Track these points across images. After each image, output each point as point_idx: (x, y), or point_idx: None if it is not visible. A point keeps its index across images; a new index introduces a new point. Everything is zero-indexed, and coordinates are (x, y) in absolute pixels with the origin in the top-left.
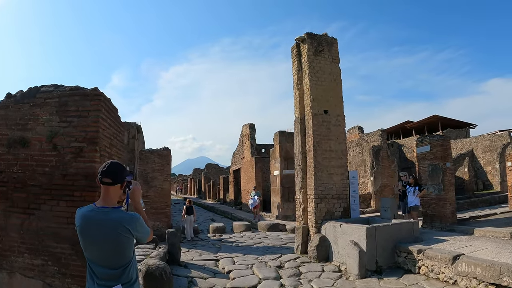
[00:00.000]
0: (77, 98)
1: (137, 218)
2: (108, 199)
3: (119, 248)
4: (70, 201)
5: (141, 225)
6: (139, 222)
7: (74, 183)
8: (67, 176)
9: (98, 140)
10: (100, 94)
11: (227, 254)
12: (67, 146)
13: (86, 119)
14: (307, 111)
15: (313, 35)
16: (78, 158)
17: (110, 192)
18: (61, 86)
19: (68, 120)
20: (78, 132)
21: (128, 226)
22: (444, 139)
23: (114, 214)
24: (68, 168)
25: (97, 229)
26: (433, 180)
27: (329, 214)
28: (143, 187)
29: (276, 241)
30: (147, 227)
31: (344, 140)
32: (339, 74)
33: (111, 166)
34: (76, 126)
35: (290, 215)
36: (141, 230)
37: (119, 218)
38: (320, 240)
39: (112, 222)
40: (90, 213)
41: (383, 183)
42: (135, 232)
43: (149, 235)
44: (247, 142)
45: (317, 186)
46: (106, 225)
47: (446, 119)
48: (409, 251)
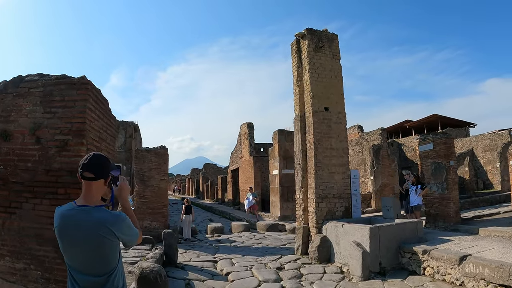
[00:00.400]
0: (62, 87)
1: (122, 219)
2: (90, 197)
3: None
4: (54, 199)
5: (127, 227)
6: (125, 223)
7: (58, 179)
8: (51, 172)
9: (85, 133)
10: (88, 83)
11: (226, 255)
12: (51, 139)
13: (72, 110)
14: (308, 108)
15: (313, 31)
16: (63, 152)
17: (92, 189)
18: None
19: (53, 111)
20: (63, 124)
21: (112, 228)
22: (447, 137)
23: (97, 213)
24: (52, 163)
25: (77, 231)
26: (436, 179)
27: (330, 214)
28: (140, 186)
29: (276, 241)
30: (135, 228)
31: (345, 138)
32: (340, 70)
33: (93, 158)
34: (61, 117)
35: (290, 215)
36: (128, 232)
37: (102, 218)
38: (322, 240)
39: (94, 223)
40: (69, 213)
41: (383, 183)
42: (120, 235)
43: (138, 238)
44: (246, 141)
45: (318, 185)
46: (87, 227)
47: (446, 118)
48: (413, 252)
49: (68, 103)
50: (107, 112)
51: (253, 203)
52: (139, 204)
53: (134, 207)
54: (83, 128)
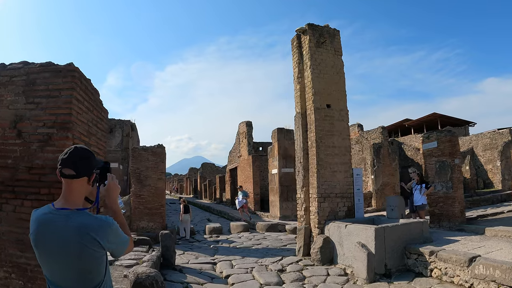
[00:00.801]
0: (47, 75)
1: (109, 224)
2: (71, 198)
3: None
4: (36, 200)
5: (115, 234)
6: (111, 229)
7: (41, 177)
8: (33, 169)
9: (71, 125)
10: (74, 70)
11: (225, 256)
12: (33, 133)
13: (57, 100)
14: (309, 105)
15: (315, 26)
16: (46, 147)
17: (73, 188)
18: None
19: (36, 101)
20: (46, 116)
21: (96, 236)
22: (452, 135)
23: (78, 218)
24: (34, 160)
25: (54, 239)
26: (440, 178)
27: (333, 213)
28: (136, 186)
29: (276, 242)
30: (124, 235)
31: (348, 136)
32: (342, 67)
33: (74, 152)
34: (44, 108)
35: (289, 215)
36: (115, 241)
37: (84, 224)
38: (324, 241)
39: (74, 230)
40: (46, 217)
41: (384, 182)
42: (106, 244)
43: (127, 247)
44: (244, 140)
45: (320, 184)
46: (65, 234)
47: (445, 117)
48: (420, 253)
49: (53, 92)
50: (97, 104)
51: (243, 202)
52: (136, 204)
53: (124, 210)
54: (68, 120)
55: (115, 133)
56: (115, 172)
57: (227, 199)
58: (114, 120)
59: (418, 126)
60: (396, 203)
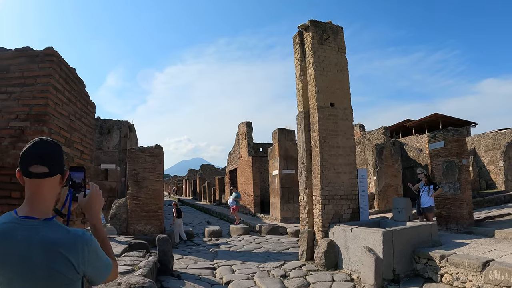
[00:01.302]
0: (22, 61)
1: (85, 241)
2: (39, 204)
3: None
4: (6, 205)
5: (94, 254)
6: (89, 248)
7: (12, 179)
8: (3, 169)
9: (47, 118)
10: (53, 54)
11: (225, 261)
12: (5, 127)
13: (32, 89)
14: (312, 104)
15: (317, 22)
16: (19, 143)
17: (43, 191)
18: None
19: (9, 90)
20: (19, 107)
21: (67, 254)
22: (459, 134)
23: (46, 231)
24: (5, 158)
25: (15, 256)
26: (448, 179)
27: (337, 216)
28: (133, 188)
29: (278, 246)
30: (106, 258)
31: (352, 136)
32: (345, 64)
33: (43, 144)
34: (18, 98)
35: (291, 217)
36: (94, 263)
37: (53, 239)
38: (329, 245)
39: (40, 246)
40: (6, 227)
41: (386, 183)
42: (81, 266)
43: (110, 273)
44: (244, 141)
45: (324, 185)
46: (30, 251)
47: (447, 117)
48: (429, 257)
49: (28, 80)
50: (82, 95)
51: (234, 204)
52: (133, 206)
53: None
54: (44, 111)
55: (113, 134)
56: (112, 173)
57: (226, 201)
58: (112, 121)
59: (420, 127)
60: (403, 205)
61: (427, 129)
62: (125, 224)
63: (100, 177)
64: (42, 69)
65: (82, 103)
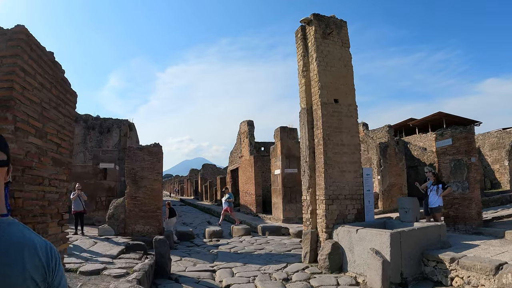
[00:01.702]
0: None
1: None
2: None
3: None
4: None
5: (60, 267)
6: (58, 257)
7: None
8: None
9: (13, 104)
10: (22, 31)
11: (225, 263)
12: None
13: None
14: (315, 100)
15: (320, 16)
16: None
17: (1, 181)
18: None
19: None
20: None
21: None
22: (468, 131)
23: (15, 230)
24: None
25: None
26: (456, 177)
27: (342, 217)
28: (131, 187)
29: (280, 247)
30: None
31: (357, 133)
32: (349, 59)
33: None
34: None
35: (293, 217)
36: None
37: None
38: (333, 247)
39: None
40: None
41: (391, 182)
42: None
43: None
44: (246, 140)
45: (328, 185)
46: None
47: (451, 116)
48: (439, 260)
49: None
50: (59, 82)
51: (226, 205)
52: (131, 206)
53: None
54: (9, 96)
55: (113, 133)
56: (111, 173)
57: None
58: (112, 120)
59: (423, 126)
60: (410, 205)
61: (431, 128)
62: (123, 224)
63: (98, 176)
64: (10, 48)
65: (60, 90)
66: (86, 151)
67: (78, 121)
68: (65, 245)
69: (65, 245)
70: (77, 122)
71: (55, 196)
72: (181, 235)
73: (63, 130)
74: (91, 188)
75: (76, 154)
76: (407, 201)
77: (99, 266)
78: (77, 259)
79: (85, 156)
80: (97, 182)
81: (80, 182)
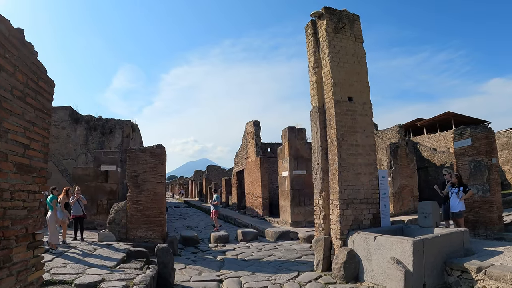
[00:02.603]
0: None
1: None
2: None
3: None
4: None
5: None
6: None
7: None
8: None
9: None
10: None
11: (233, 272)
12: None
13: None
14: (328, 98)
15: (332, 9)
16: None
17: None
18: None
19: None
20: None
21: None
22: (488, 131)
23: None
24: None
25: None
26: (476, 180)
27: (357, 222)
28: (133, 191)
29: (289, 253)
30: None
31: (372, 133)
32: (363, 55)
33: None
34: None
35: (301, 220)
36: None
37: None
38: (349, 255)
39: None
40: None
41: (401, 184)
42: None
43: None
44: (252, 141)
45: (343, 188)
46: None
47: (459, 116)
48: (464, 269)
49: None
50: (27, 65)
51: (213, 208)
52: (133, 211)
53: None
54: None
55: (115, 134)
56: (113, 175)
57: (233, 202)
58: (114, 120)
59: (431, 126)
60: (430, 210)
61: (439, 128)
62: (124, 229)
63: (100, 178)
64: None
65: (29, 76)
66: (88, 152)
67: (80, 122)
68: (39, 273)
69: (40, 272)
70: (79, 123)
71: (21, 213)
72: (185, 240)
73: (32, 127)
74: (92, 191)
75: (78, 156)
76: (428, 206)
77: (97, 278)
78: (73, 269)
79: (87, 157)
80: (98, 185)
81: (81, 185)
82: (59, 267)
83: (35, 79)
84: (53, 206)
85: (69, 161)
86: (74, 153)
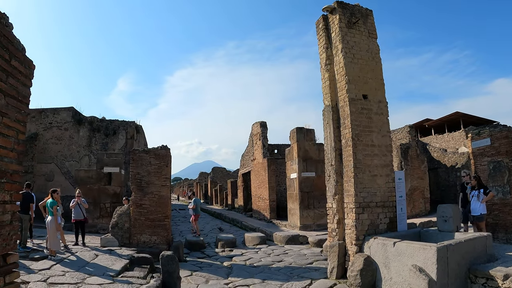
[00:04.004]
0: None
1: None
2: None
3: None
4: None
5: None
6: None
7: None
8: None
9: None
10: None
11: (241, 279)
12: None
13: None
14: (342, 96)
15: (345, 4)
16: None
17: None
18: None
19: None
20: None
21: None
22: (508, 130)
23: None
24: None
25: None
26: (495, 181)
27: (373, 227)
28: (137, 194)
29: (300, 258)
30: None
31: (388, 133)
32: (378, 51)
33: None
34: None
35: (311, 224)
36: None
37: None
38: (365, 262)
39: None
40: None
41: (412, 186)
42: None
43: None
44: (258, 142)
45: (358, 191)
46: None
47: (468, 116)
48: (489, 277)
49: None
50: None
51: (192, 212)
52: (136, 215)
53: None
54: None
55: (119, 136)
56: (116, 177)
57: (239, 205)
58: (118, 122)
59: (439, 127)
60: (450, 213)
61: (447, 129)
62: (127, 234)
63: (103, 181)
64: None
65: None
66: (91, 154)
67: (83, 123)
68: None
69: None
70: (82, 124)
71: None
72: (191, 244)
73: (1, 119)
74: (94, 193)
75: (81, 158)
76: (449, 209)
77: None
78: (72, 278)
79: (91, 159)
80: (101, 187)
81: (83, 187)
82: (57, 275)
83: (6, 58)
84: (54, 211)
85: (72, 163)
86: (77, 154)
